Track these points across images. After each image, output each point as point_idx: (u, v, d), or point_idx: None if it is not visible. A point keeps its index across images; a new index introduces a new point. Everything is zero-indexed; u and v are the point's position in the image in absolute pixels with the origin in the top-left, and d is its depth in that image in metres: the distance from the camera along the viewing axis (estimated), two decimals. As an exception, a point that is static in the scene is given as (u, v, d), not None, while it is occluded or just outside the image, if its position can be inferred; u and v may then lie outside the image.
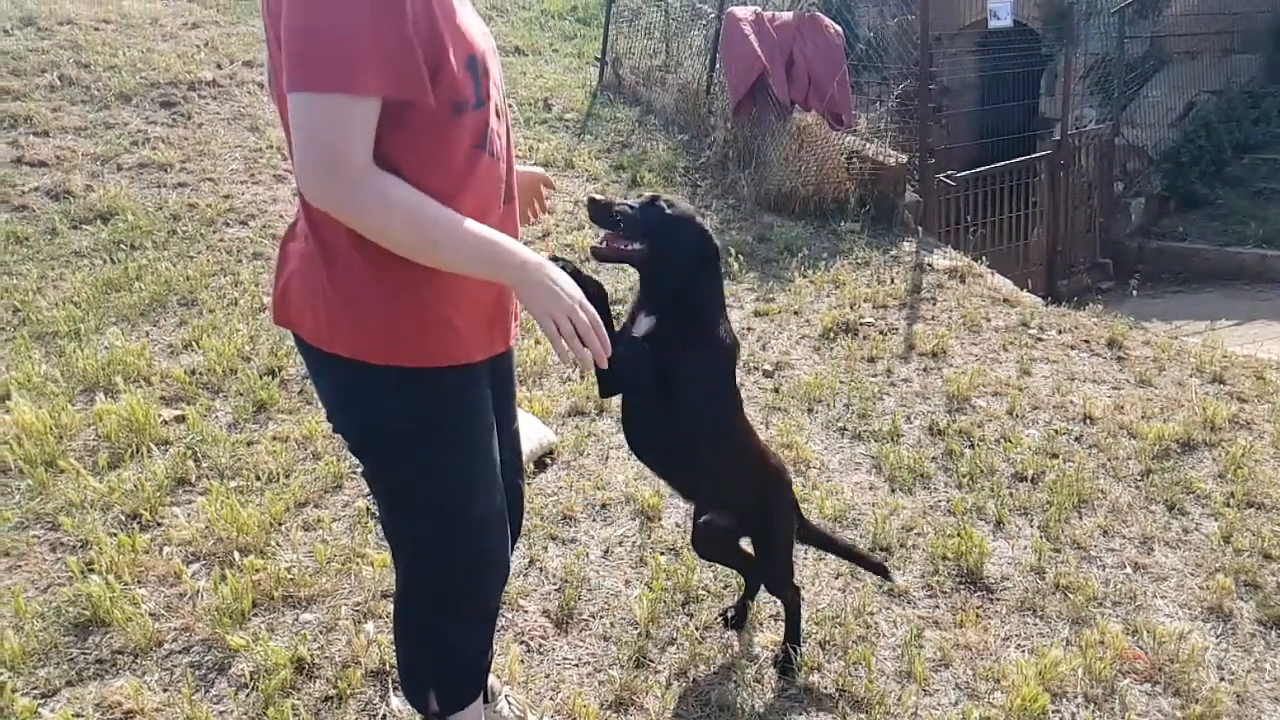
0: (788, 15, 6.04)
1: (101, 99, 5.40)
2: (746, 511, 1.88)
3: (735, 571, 2.17)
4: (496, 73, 1.32)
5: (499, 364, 1.45)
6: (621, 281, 3.83)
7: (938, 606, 2.25)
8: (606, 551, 2.40)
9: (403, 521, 1.42)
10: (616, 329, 1.56)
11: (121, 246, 4.08)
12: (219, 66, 6.07)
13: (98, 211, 4.34)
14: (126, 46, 6.07)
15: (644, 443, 1.71)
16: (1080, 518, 2.66)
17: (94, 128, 5.12)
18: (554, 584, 2.26)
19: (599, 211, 1.59)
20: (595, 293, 1.45)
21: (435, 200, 1.18)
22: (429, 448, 1.34)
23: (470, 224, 1.20)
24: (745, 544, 2.02)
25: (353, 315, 1.27)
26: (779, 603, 2.03)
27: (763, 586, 2.08)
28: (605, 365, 1.29)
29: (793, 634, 2.00)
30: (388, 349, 1.28)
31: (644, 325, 1.63)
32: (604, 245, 1.61)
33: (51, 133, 4.97)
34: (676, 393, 1.60)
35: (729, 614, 2.13)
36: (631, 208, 1.61)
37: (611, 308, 1.55)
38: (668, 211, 1.61)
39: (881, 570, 2.13)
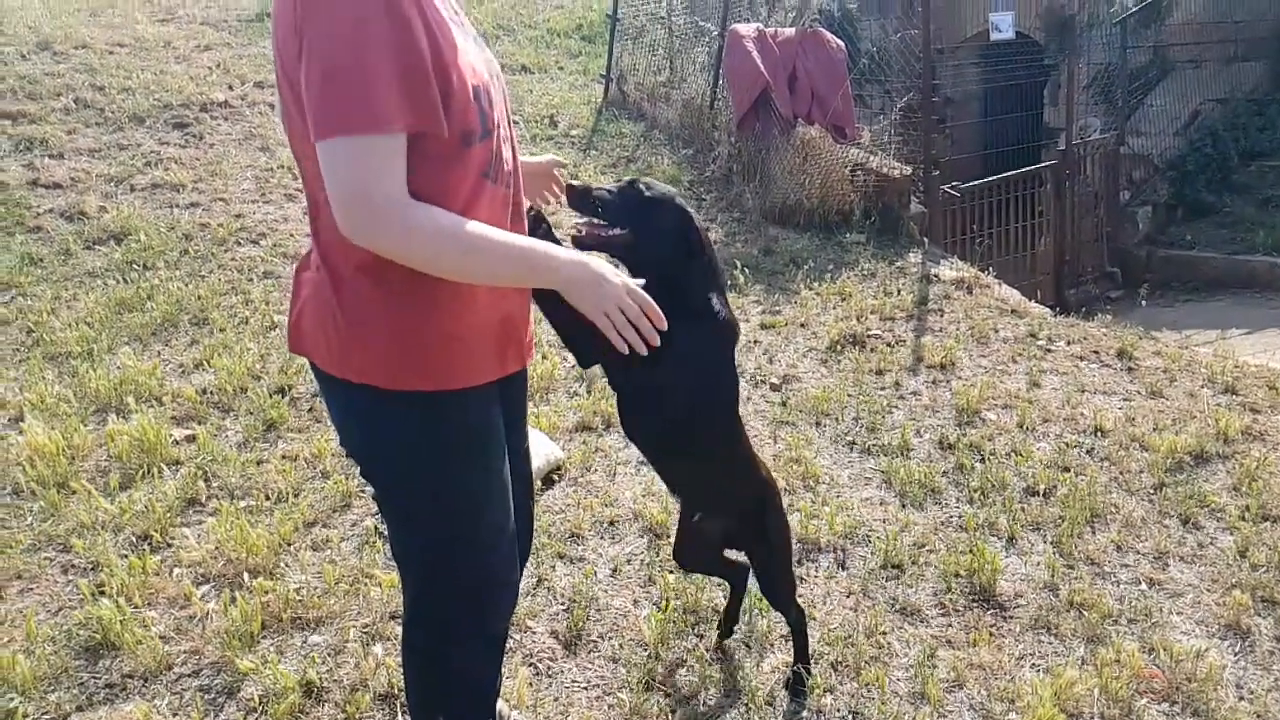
0: (790, 31, 6.07)
1: (115, 121, 5.47)
2: (745, 512, 1.81)
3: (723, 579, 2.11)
4: (501, 100, 1.33)
5: (510, 383, 1.45)
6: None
7: (950, 625, 2.23)
8: (615, 570, 2.39)
9: (411, 543, 1.42)
10: None
11: (134, 266, 4.12)
12: (230, 88, 6.15)
13: (111, 232, 4.38)
14: (140, 69, 6.15)
15: (637, 426, 1.65)
16: (1093, 533, 2.64)
17: (108, 149, 5.18)
18: (562, 604, 2.25)
19: (577, 197, 1.55)
20: None
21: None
22: (438, 470, 1.34)
23: (507, 237, 1.23)
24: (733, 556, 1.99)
25: (362, 340, 1.28)
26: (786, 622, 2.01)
27: (769, 605, 2.04)
28: (657, 343, 1.29)
29: (802, 654, 1.97)
30: (397, 373, 1.28)
31: None
32: (583, 233, 1.54)
33: (66, 155, 5.03)
34: (667, 373, 1.52)
35: (719, 628, 2.07)
36: (610, 192, 1.56)
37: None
38: (647, 194, 1.56)
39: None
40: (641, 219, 1.54)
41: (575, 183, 1.57)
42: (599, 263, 1.27)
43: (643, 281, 1.32)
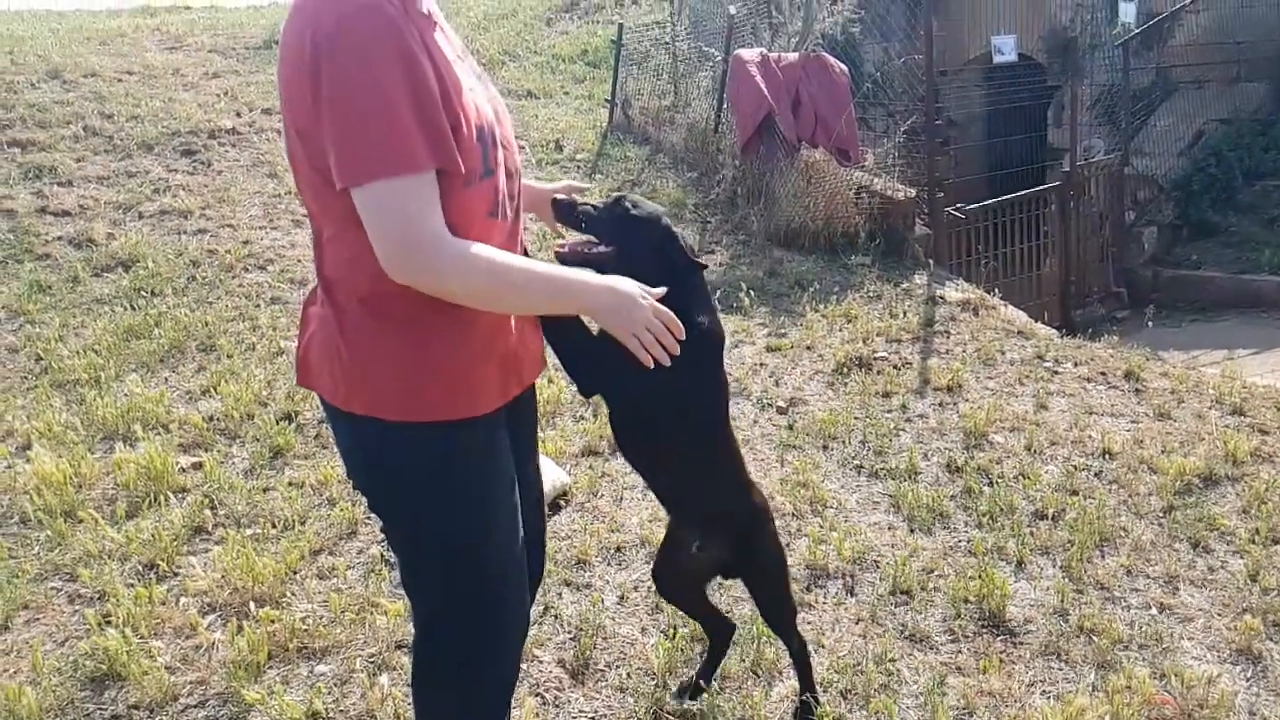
0: (793, 56, 6.14)
1: (124, 148, 5.55)
2: (741, 534, 1.78)
3: (705, 631, 2.01)
4: (505, 134, 1.35)
5: (518, 404, 1.45)
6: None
7: (960, 651, 2.21)
8: (622, 597, 2.38)
9: (420, 572, 1.41)
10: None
11: (142, 293, 4.16)
12: (238, 114, 6.24)
13: (119, 259, 4.43)
14: (149, 97, 6.25)
15: (632, 438, 1.64)
16: (1103, 557, 2.62)
17: (116, 176, 5.25)
18: (569, 632, 2.23)
19: (563, 212, 1.55)
20: None
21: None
22: (446, 498, 1.34)
23: (540, 267, 1.27)
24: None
25: (366, 373, 1.29)
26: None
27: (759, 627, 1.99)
28: (678, 353, 1.32)
29: (807, 683, 1.94)
30: (401, 404, 1.29)
31: None
32: (567, 249, 1.52)
33: (75, 182, 5.10)
34: (660, 380, 1.45)
35: (687, 685, 1.97)
36: (595, 208, 1.55)
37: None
38: (632, 211, 1.54)
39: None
40: (625, 236, 1.53)
41: (561, 197, 1.56)
42: (626, 284, 1.30)
43: (661, 292, 1.34)
